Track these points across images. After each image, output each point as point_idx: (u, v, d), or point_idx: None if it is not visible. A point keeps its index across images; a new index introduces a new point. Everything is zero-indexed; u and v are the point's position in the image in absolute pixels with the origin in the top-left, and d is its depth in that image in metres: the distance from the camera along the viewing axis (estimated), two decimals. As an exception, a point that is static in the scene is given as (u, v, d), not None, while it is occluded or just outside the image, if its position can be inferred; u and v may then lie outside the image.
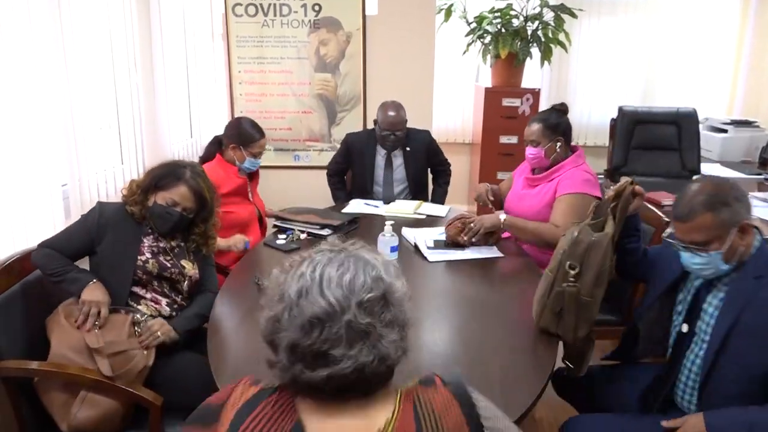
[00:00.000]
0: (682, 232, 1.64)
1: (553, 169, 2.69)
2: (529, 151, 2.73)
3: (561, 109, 2.76)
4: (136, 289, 2.07)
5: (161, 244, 2.13)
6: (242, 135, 2.96)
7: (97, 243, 2.03)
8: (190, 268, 2.17)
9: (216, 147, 3.04)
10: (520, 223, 2.64)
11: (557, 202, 2.60)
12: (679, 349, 1.76)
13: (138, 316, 2.00)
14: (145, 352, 1.91)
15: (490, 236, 2.66)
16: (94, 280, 1.97)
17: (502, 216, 2.66)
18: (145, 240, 2.11)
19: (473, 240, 2.60)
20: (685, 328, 1.74)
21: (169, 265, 2.11)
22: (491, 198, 3.01)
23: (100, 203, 2.12)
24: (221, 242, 2.74)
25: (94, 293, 1.94)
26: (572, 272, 1.81)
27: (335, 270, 0.92)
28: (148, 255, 2.09)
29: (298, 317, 0.89)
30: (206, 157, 3.05)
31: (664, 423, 1.62)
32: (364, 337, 0.89)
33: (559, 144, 2.68)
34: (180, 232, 2.19)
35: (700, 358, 1.67)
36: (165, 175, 2.10)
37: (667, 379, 1.78)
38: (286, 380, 0.93)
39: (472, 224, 2.60)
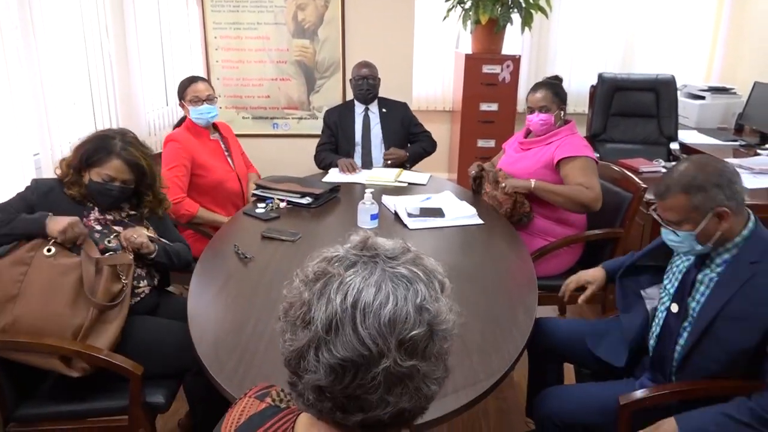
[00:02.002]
0: (659, 209, 1.68)
1: (550, 135, 2.72)
2: (540, 117, 2.72)
3: (560, 81, 2.82)
4: None
5: (109, 217, 2.07)
6: (180, 87, 2.94)
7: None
8: (146, 232, 2.12)
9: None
10: (551, 186, 2.64)
11: (571, 166, 2.61)
12: (669, 330, 1.76)
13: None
14: (130, 255, 1.98)
15: (517, 209, 2.69)
16: (50, 214, 1.87)
17: (532, 182, 2.66)
18: (91, 216, 2.04)
19: (504, 193, 2.68)
20: (674, 308, 1.75)
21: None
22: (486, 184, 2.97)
23: (35, 180, 2.03)
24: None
25: (61, 221, 1.85)
26: None
27: (371, 296, 0.74)
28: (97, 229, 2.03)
29: (327, 358, 0.73)
30: (179, 123, 3.02)
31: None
32: (405, 380, 0.75)
33: (563, 112, 2.74)
34: (127, 202, 2.13)
35: (687, 333, 1.68)
36: (94, 150, 1.98)
37: (661, 355, 1.78)
38: (312, 413, 0.81)
39: (503, 185, 2.67)
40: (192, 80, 2.94)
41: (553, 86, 2.74)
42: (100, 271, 1.89)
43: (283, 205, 2.75)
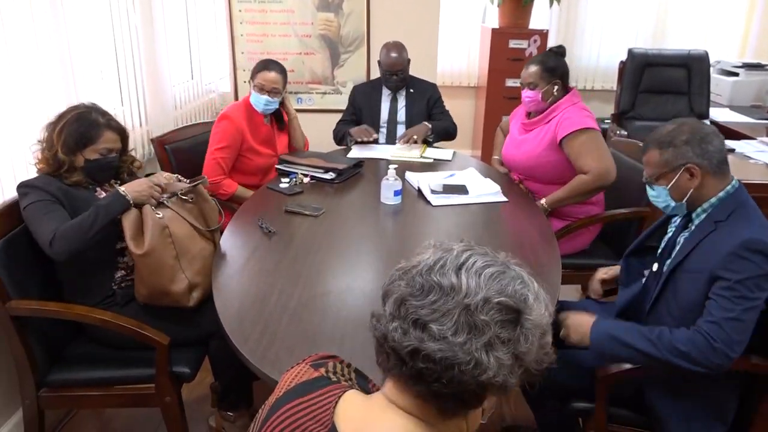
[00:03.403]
0: (644, 164, 1.76)
1: (549, 111, 2.66)
2: (526, 93, 2.69)
3: (558, 52, 2.71)
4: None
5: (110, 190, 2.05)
6: (255, 67, 2.91)
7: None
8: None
9: None
10: (557, 195, 2.61)
11: (569, 147, 2.56)
12: (646, 289, 1.83)
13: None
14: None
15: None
16: (118, 189, 1.91)
17: (543, 201, 2.64)
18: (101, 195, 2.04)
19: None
20: (655, 267, 1.81)
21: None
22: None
23: (33, 183, 1.90)
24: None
25: (137, 186, 1.93)
26: None
27: (481, 261, 0.81)
28: None
29: (423, 278, 0.80)
30: None
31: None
32: (473, 331, 0.76)
33: (556, 87, 2.64)
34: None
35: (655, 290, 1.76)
36: (84, 130, 1.94)
37: (636, 313, 1.84)
38: (377, 334, 0.83)
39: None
40: (266, 66, 2.88)
41: (543, 62, 2.65)
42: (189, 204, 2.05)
43: (306, 180, 2.75)
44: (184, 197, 2.05)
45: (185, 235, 1.98)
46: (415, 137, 3.22)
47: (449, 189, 2.60)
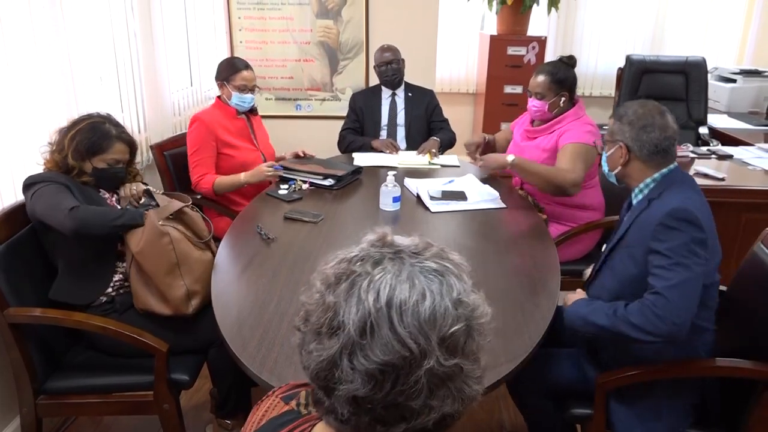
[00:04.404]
0: None
1: (554, 122, 2.65)
2: (533, 103, 2.68)
3: (569, 63, 2.68)
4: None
5: (115, 197, 2.11)
6: (226, 69, 2.92)
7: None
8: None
9: None
10: (529, 165, 2.57)
11: (562, 151, 2.57)
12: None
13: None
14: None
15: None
16: (144, 212, 1.98)
17: (510, 157, 2.58)
18: (112, 200, 2.09)
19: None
20: (604, 247, 1.90)
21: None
22: (478, 153, 2.92)
23: (37, 176, 1.95)
24: (246, 176, 2.79)
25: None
26: None
27: (406, 293, 0.68)
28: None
29: (363, 364, 0.67)
30: None
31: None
32: (448, 381, 0.69)
33: (563, 99, 2.64)
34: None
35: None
36: (95, 140, 1.98)
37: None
38: (345, 430, 0.73)
39: (479, 162, 2.69)
40: (243, 66, 2.91)
41: (553, 73, 2.62)
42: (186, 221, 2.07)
43: (305, 186, 2.75)
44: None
45: (186, 244, 1.99)
46: (433, 151, 3.25)
47: (448, 195, 2.60)
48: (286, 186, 2.74)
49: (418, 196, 2.63)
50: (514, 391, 2.03)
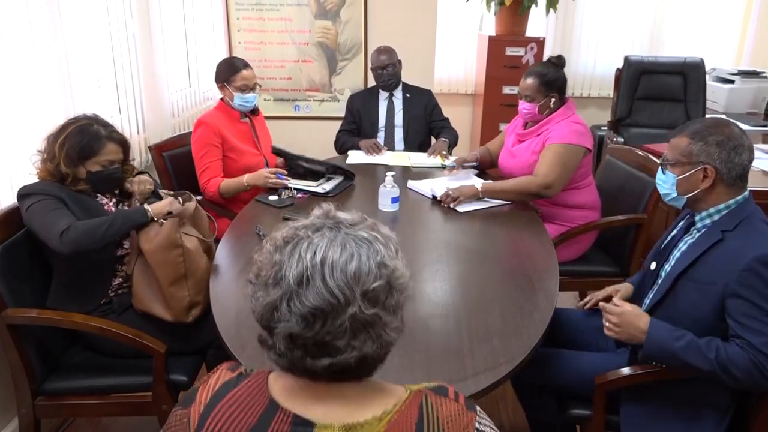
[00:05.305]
0: (668, 145, 1.73)
1: (542, 123, 2.66)
2: (523, 105, 2.69)
3: (558, 64, 2.69)
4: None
5: (113, 200, 2.08)
6: (225, 70, 2.90)
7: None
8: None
9: None
10: (497, 186, 2.61)
11: (544, 151, 2.58)
12: (643, 286, 1.84)
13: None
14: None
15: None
16: (145, 206, 1.96)
17: (478, 184, 2.62)
18: (110, 204, 2.06)
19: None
20: (653, 266, 1.80)
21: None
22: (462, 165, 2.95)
23: (30, 190, 1.89)
24: (249, 178, 2.77)
25: (160, 205, 1.96)
26: None
27: (338, 254, 0.83)
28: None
29: (299, 307, 0.82)
30: None
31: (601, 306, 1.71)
32: (368, 327, 0.84)
33: (553, 100, 2.64)
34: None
35: (653, 292, 1.75)
36: (86, 143, 1.93)
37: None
38: (281, 364, 0.88)
39: (450, 193, 2.56)
40: (242, 65, 2.89)
41: (542, 75, 2.62)
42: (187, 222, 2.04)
43: (299, 195, 2.69)
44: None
45: (196, 254, 1.98)
46: (444, 152, 3.25)
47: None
48: (275, 196, 2.67)
49: (434, 197, 2.63)
50: (518, 389, 2.01)
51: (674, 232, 1.81)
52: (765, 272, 1.48)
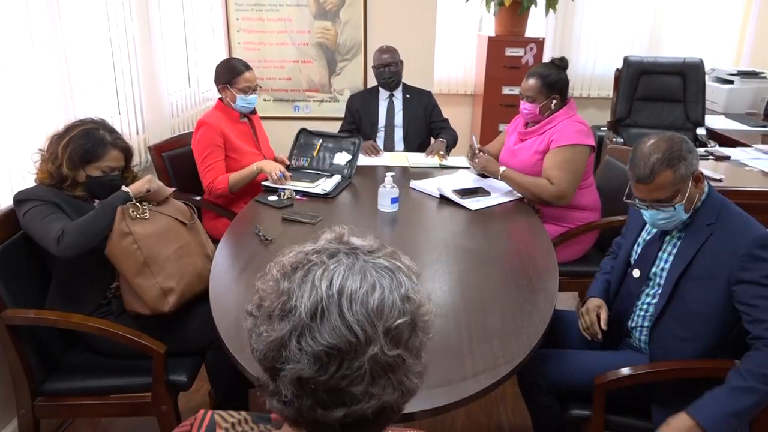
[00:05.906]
0: (645, 193, 1.70)
1: (544, 122, 2.66)
2: (524, 106, 2.69)
3: (560, 65, 2.69)
4: None
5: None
6: (227, 72, 2.89)
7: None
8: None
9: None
10: (516, 176, 2.63)
11: (549, 156, 2.59)
12: (629, 293, 1.87)
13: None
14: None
15: None
16: (123, 187, 1.96)
17: (502, 168, 2.66)
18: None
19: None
20: (636, 273, 1.84)
21: None
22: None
23: (27, 195, 1.89)
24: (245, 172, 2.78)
25: (139, 183, 1.99)
26: None
27: (358, 284, 0.71)
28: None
29: (311, 345, 0.69)
30: None
31: None
32: (390, 371, 0.72)
33: (554, 101, 2.64)
34: None
35: (655, 300, 1.79)
36: (90, 147, 1.93)
37: (623, 322, 1.89)
38: (287, 414, 0.75)
39: (476, 160, 2.70)
40: (244, 67, 2.89)
41: (544, 76, 2.62)
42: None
43: (297, 197, 2.67)
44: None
45: (155, 240, 1.94)
46: (441, 152, 3.27)
47: (469, 192, 2.65)
48: (274, 196, 2.66)
49: (441, 197, 2.64)
50: (524, 389, 1.99)
51: (647, 237, 1.85)
52: (764, 253, 1.54)
